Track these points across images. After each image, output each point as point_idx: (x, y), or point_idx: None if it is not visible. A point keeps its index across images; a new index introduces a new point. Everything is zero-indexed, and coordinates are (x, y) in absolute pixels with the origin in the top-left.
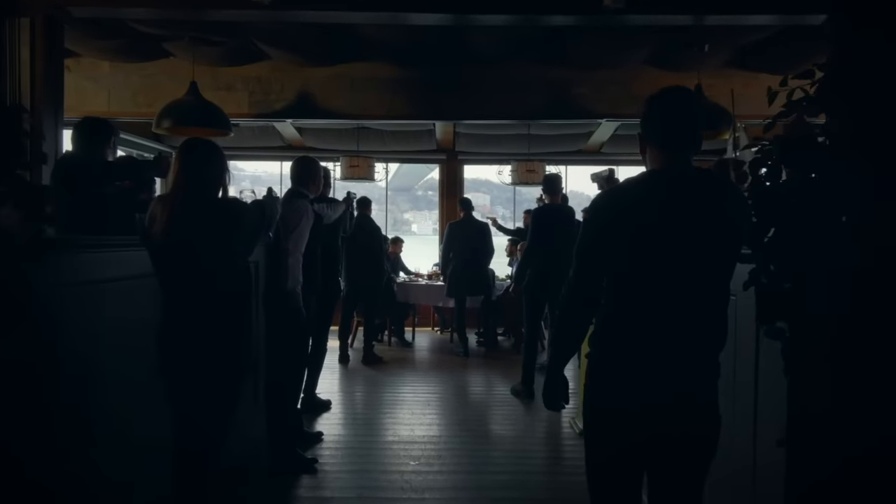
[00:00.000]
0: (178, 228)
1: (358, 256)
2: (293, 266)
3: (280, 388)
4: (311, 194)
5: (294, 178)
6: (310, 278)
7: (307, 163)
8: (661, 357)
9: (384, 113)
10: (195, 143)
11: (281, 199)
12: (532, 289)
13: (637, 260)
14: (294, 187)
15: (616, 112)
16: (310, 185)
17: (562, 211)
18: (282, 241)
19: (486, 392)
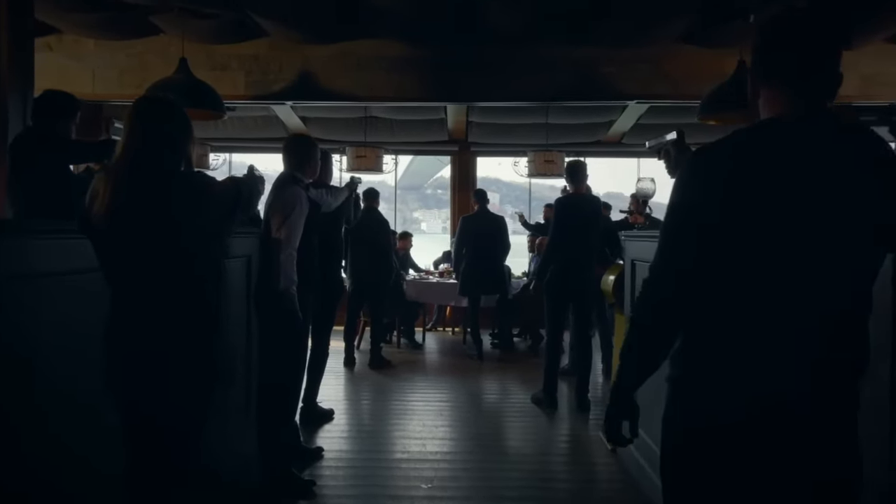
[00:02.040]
0: (125, 208)
1: (364, 252)
2: (286, 262)
3: (273, 401)
4: (306, 179)
5: (286, 160)
6: (306, 275)
7: (301, 142)
8: (776, 384)
9: (392, 94)
10: (150, 99)
11: (262, 178)
12: (554, 286)
13: (750, 244)
14: (286, 171)
15: (647, 93)
16: (305, 169)
17: (587, 201)
18: (272, 235)
19: (504, 400)
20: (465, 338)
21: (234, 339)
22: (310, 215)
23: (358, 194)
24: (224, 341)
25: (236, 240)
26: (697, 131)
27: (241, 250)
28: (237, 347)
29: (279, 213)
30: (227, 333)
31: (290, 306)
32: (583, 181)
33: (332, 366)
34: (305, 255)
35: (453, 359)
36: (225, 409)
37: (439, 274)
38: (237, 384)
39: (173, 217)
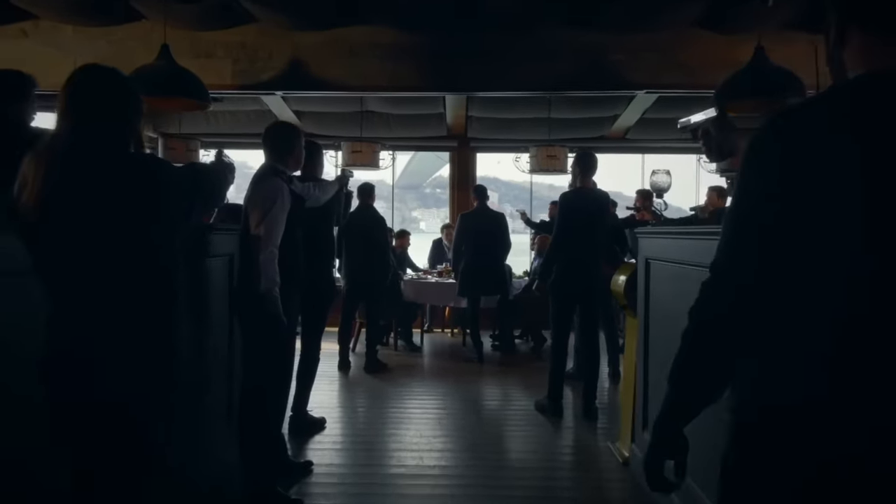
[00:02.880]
0: (57, 196)
1: (360, 250)
2: (266, 262)
3: (255, 411)
4: (288, 170)
5: (266, 150)
6: (290, 276)
7: (282, 130)
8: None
9: (387, 84)
10: (88, 69)
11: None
12: (559, 286)
13: (850, 235)
14: (267, 162)
15: (657, 82)
16: (287, 159)
17: (594, 196)
18: (251, 232)
19: (506, 407)
20: (464, 340)
21: (216, 342)
22: (293, 210)
23: (350, 191)
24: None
25: (217, 237)
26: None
27: (222, 248)
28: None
29: (258, 208)
30: (206, 337)
31: (273, 310)
32: (591, 174)
33: (325, 369)
34: (289, 254)
35: (452, 362)
36: (205, 415)
37: (438, 274)
38: (218, 390)
39: (117, 206)
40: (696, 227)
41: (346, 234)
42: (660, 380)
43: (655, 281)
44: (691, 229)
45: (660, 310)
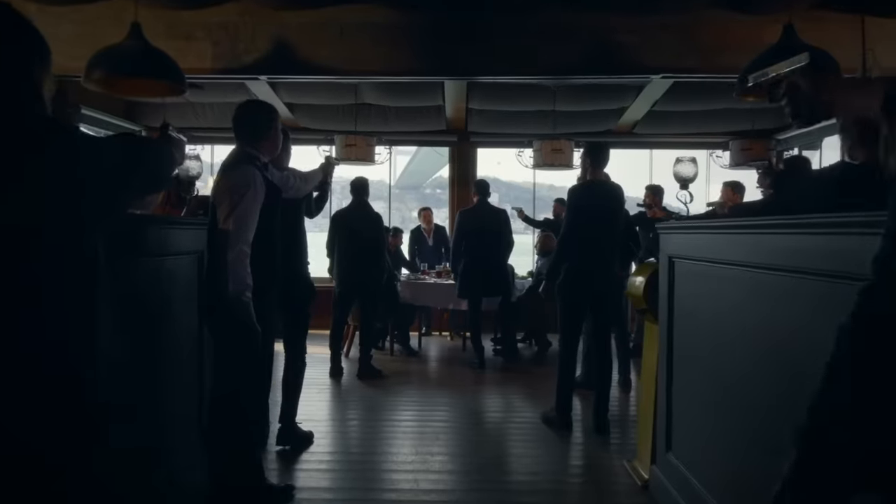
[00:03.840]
0: None
1: (353, 249)
2: (236, 261)
3: (226, 432)
4: (263, 156)
5: (237, 133)
6: (266, 277)
7: (256, 108)
8: None
9: (381, 68)
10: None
11: (181, 140)
12: (569, 288)
13: None
14: (239, 147)
15: (673, 66)
16: (260, 143)
17: (607, 189)
18: (219, 226)
19: (509, 419)
20: (464, 344)
21: (182, 353)
22: (269, 202)
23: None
24: (107, 370)
25: (183, 232)
26: (717, 121)
27: (189, 245)
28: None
29: (226, 200)
30: (154, 352)
31: (243, 316)
32: (603, 165)
33: (316, 376)
34: (264, 253)
35: (452, 368)
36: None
37: (436, 274)
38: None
39: (24, 188)
40: (728, 220)
41: (338, 231)
42: (687, 393)
43: (681, 282)
44: (723, 222)
45: (686, 314)
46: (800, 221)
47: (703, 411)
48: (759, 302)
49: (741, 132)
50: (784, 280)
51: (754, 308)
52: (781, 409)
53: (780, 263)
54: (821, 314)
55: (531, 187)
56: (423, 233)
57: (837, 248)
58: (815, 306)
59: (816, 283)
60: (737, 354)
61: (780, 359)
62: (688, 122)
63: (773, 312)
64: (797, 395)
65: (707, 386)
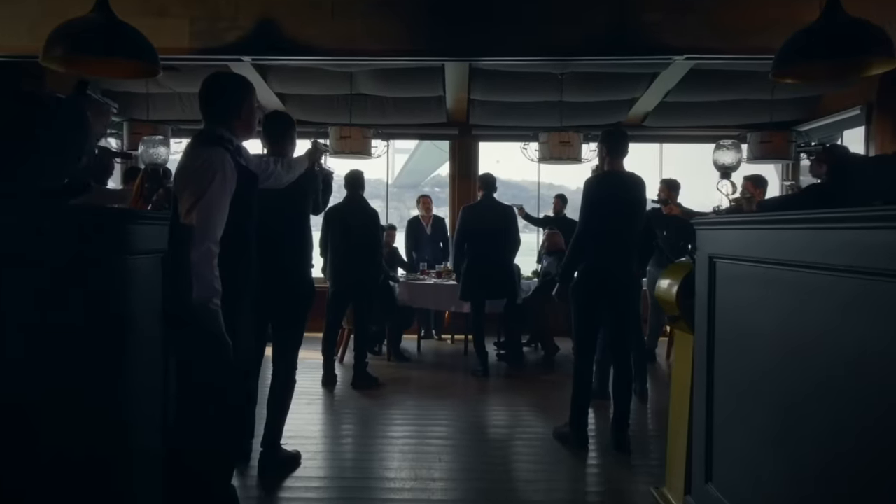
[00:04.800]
0: None
1: (347, 247)
2: (201, 263)
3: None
4: (236, 138)
5: (205, 109)
6: (238, 280)
7: (226, 81)
8: None
9: (376, 48)
10: None
11: (109, 106)
12: (584, 290)
13: None
14: (206, 127)
15: (700, 46)
16: (233, 122)
17: (626, 181)
18: (181, 220)
19: (517, 434)
20: (465, 348)
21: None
22: (242, 192)
23: (329, 170)
24: None
25: (144, 228)
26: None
27: (150, 243)
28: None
29: (189, 188)
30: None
31: (212, 327)
32: (622, 154)
33: (306, 385)
34: (236, 252)
35: (453, 375)
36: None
37: (436, 274)
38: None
39: None
40: (785, 213)
41: (331, 228)
42: (732, 416)
43: (724, 286)
44: (779, 215)
45: (731, 323)
46: (878, 213)
47: (755, 439)
48: (824, 310)
49: (758, 124)
50: (855, 283)
51: (819, 317)
52: (860, 443)
53: (850, 264)
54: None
55: (530, 186)
56: (422, 221)
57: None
58: None
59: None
60: (799, 373)
61: (854, 380)
62: (701, 114)
63: (843, 323)
64: (881, 427)
65: (760, 409)
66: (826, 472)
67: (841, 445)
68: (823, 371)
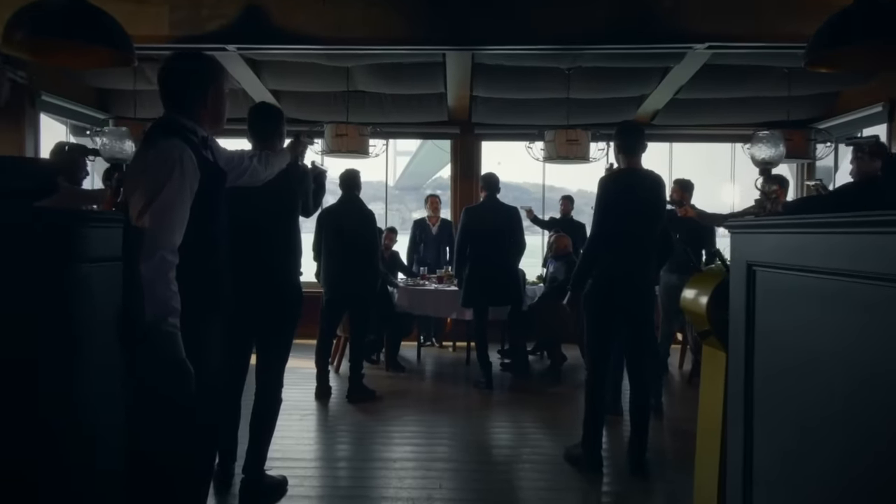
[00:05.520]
0: None
1: (342, 251)
2: (155, 275)
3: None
4: (200, 128)
5: (165, 94)
6: (206, 295)
7: (189, 62)
8: None
9: (371, 35)
10: None
11: None
12: (599, 298)
13: None
14: (166, 113)
15: (723, 33)
16: (197, 109)
17: (644, 179)
18: (132, 223)
19: (524, 455)
20: (468, 357)
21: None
22: (208, 190)
23: (322, 169)
24: None
25: (102, 232)
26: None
27: (107, 248)
28: None
29: (141, 188)
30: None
31: (167, 353)
32: (639, 150)
33: (299, 398)
34: (203, 262)
35: (454, 387)
36: None
37: (437, 279)
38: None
39: None
40: (851, 214)
41: (324, 231)
42: (778, 449)
43: (766, 298)
44: (845, 217)
45: (774, 342)
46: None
47: (810, 479)
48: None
49: (773, 123)
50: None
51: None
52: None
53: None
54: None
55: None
56: (428, 222)
57: None
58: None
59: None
60: (874, 409)
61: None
62: (714, 112)
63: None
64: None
65: (815, 445)
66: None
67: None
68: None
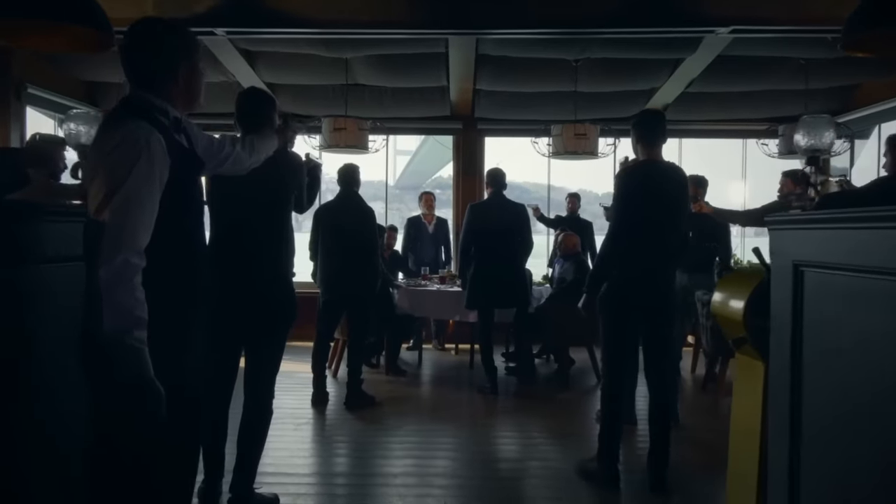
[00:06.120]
0: None
1: (341, 250)
2: (116, 280)
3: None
4: (173, 108)
5: (129, 68)
6: (178, 302)
7: (158, 32)
8: None
9: (369, 19)
10: None
11: None
12: (617, 301)
13: None
14: (131, 91)
15: (747, 15)
16: (167, 86)
17: (666, 172)
18: (91, 216)
19: (532, 469)
20: (471, 361)
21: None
22: (181, 180)
23: (316, 164)
24: None
25: (60, 227)
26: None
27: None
28: None
29: (100, 178)
30: None
31: (132, 372)
32: (659, 141)
33: (295, 405)
34: (178, 264)
35: (457, 393)
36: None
37: (439, 279)
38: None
39: None
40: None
41: (322, 229)
42: (829, 471)
43: (818, 303)
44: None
45: (824, 352)
46: None
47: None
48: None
49: (789, 117)
50: None
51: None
52: None
53: None
54: None
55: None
56: (423, 219)
57: None
58: None
59: None
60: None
61: None
62: (726, 106)
63: None
64: None
65: (878, 478)
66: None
67: None
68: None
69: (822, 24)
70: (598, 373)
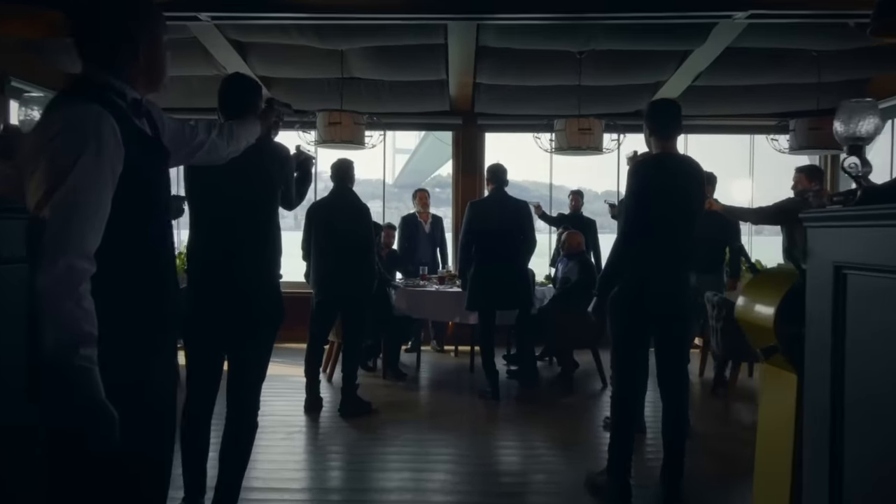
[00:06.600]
0: None
1: (335, 249)
2: (56, 289)
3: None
4: (131, 89)
5: (81, 43)
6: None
7: (114, 2)
8: None
9: (365, 4)
10: None
11: None
12: (629, 304)
13: None
14: (83, 70)
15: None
16: (127, 64)
17: (681, 165)
18: (32, 213)
19: (536, 482)
20: (472, 363)
21: None
22: (141, 176)
23: (309, 154)
24: None
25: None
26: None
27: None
28: None
29: (42, 169)
30: None
31: (81, 395)
32: (674, 132)
33: (287, 411)
34: (135, 269)
35: (457, 398)
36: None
37: (438, 280)
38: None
39: None
40: None
41: (314, 227)
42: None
43: (864, 309)
44: None
45: (870, 364)
46: None
47: None
48: None
49: (799, 112)
50: None
51: None
52: None
53: None
54: None
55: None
56: (419, 217)
57: None
58: None
59: None
60: None
61: None
62: (735, 100)
63: None
64: None
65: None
66: None
67: None
68: None
69: (842, 8)
70: (604, 377)
